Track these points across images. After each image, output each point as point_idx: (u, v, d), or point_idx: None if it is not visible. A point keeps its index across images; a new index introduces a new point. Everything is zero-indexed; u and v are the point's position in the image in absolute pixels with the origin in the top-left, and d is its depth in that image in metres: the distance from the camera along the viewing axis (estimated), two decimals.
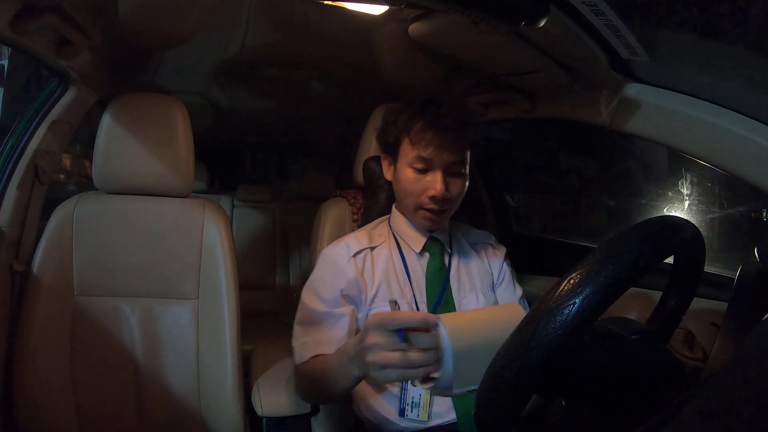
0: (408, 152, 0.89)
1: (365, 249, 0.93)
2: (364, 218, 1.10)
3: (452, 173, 0.89)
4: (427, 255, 0.95)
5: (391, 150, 0.94)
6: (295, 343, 0.89)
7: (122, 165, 1.00)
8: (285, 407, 0.96)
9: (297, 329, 0.90)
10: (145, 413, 0.98)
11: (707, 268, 0.68)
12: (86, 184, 2.30)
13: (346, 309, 0.87)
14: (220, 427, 0.98)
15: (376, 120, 1.12)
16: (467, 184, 0.92)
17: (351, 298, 0.89)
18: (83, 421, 0.94)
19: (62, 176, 2.43)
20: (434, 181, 0.87)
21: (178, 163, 1.02)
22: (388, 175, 0.98)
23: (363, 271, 0.91)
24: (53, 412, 0.92)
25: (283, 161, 4.02)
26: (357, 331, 0.88)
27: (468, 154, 0.90)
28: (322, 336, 0.85)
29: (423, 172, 0.88)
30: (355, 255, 0.91)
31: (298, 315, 0.91)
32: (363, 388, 0.90)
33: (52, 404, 0.92)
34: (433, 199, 0.87)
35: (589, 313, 0.44)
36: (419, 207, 0.90)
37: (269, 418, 0.96)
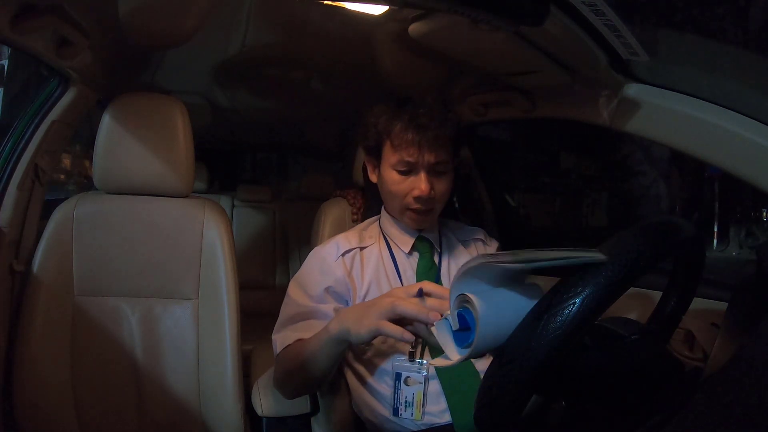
0: (390, 155, 0.89)
1: (354, 249, 0.93)
2: (363, 218, 1.10)
3: (436, 172, 0.88)
4: (416, 255, 0.95)
5: (374, 153, 0.93)
6: (276, 335, 0.89)
7: (122, 165, 1.00)
8: (285, 407, 0.96)
9: (280, 321, 0.90)
10: (145, 413, 0.98)
11: None
12: (86, 184, 2.30)
13: (332, 306, 0.88)
14: (220, 427, 0.98)
15: None
16: (452, 181, 0.92)
17: (339, 295, 0.89)
18: (83, 421, 0.94)
19: (62, 176, 2.43)
20: (418, 182, 0.87)
21: (178, 163, 1.02)
22: (373, 177, 0.97)
23: (351, 270, 0.91)
24: (53, 412, 0.92)
25: (283, 161, 4.03)
26: None
27: (452, 150, 0.89)
28: (306, 326, 0.86)
29: (406, 173, 0.88)
30: (344, 254, 0.92)
31: (283, 308, 0.91)
32: (361, 387, 0.90)
33: (52, 404, 0.92)
34: (418, 199, 0.88)
35: (589, 313, 0.44)
36: (405, 208, 0.91)
37: (269, 418, 0.96)
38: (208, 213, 1.04)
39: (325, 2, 0.87)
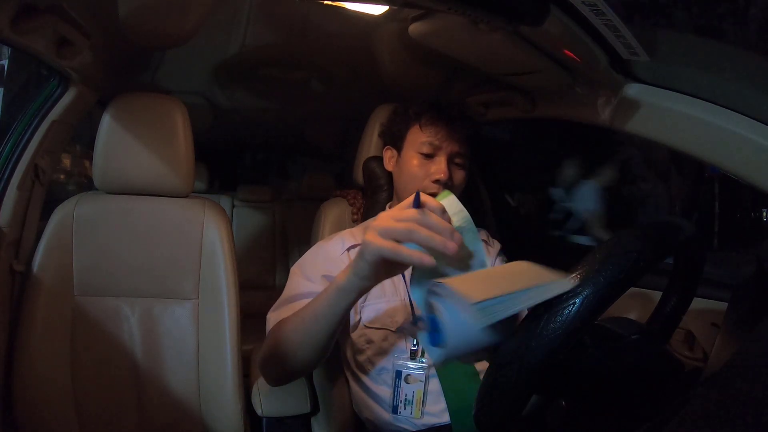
0: (417, 138, 0.93)
1: (359, 245, 0.92)
2: (364, 218, 1.10)
3: (455, 163, 0.93)
4: None
5: (397, 140, 0.98)
6: (272, 313, 0.84)
7: (122, 165, 1.00)
8: (285, 407, 0.96)
9: (278, 302, 0.86)
10: (145, 413, 0.98)
11: None
12: (86, 184, 2.30)
13: None
14: (220, 427, 0.98)
15: (376, 120, 1.12)
16: (466, 178, 0.96)
17: None
18: (83, 421, 0.94)
19: (62, 176, 2.43)
20: (439, 166, 0.91)
21: (178, 163, 1.02)
22: (389, 165, 1.00)
23: None
24: (53, 413, 0.92)
25: (283, 161, 4.02)
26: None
27: (469, 149, 0.95)
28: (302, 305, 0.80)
29: (429, 157, 0.92)
30: (349, 249, 0.92)
31: (284, 291, 0.88)
32: (361, 387, 0.90)
33: (52, 404, 0.92)
34: (437, 182, 0.91)
35: (589, 313, 0.44)
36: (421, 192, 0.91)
37: (269, 418, 0.97)
38: (208, 213, 1.04)
39: (325, 2, 0.87)
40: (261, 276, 2.42)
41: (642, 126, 0.90)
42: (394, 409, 0.85)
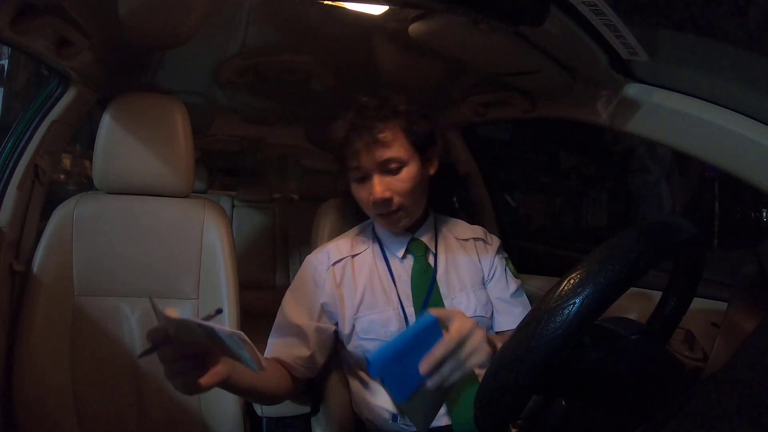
0: (347, 164, 0.88)
1: (345, 257, 0.92)
2: (362, 219, 1.10)
3: (389, 170, 0.85)
4: (410, 258, 0.93)
5: (343, 166, 0.92)
6: (269, 339, 0.90)
7: (122, 165, 1.00)
8: (285, 407, 0.96)
9: (273, 327, 0.90)
10: (145, 413, 0.98)
11: None
12: (86, 184, 2.31)
13: (320, 324, 0.88)
14: (220, 427, 0.98)
15: None
16: (418, 173, 0.87)
17: (331, 313, 0.89)
18: (83, 421, 0.94)
19: (62, 176, 2.43)
20: (371, 187, 0.85)
21: (178, 163, 1.02)
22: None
23: (342, 281, 0.90)
24: (53, 412, 0.92)
25: (283, 161, 4.02)
26: (327, 346, 0.90)
27: (410, 141, 0.85)
28: (284, 343, 0.87)
29: (362, 180, 0.87)
30: (334, 264, 0.91)
31: (277, 315, 0.91)
32: (362, 388, 0.90)
33: (52, 404, 0.92)
34: (375, 204, 0.86)
35: (589, 313, 0.44)
36: (375, 215, 0.90)
37: (269, 418, 0.97)
38: (208, 213, 1.04)
39: (325, 2, 0.87)
40: (261, 276, 2.42)
41: (642, 126, 0.90)
42: (394, 418, 0.85)
